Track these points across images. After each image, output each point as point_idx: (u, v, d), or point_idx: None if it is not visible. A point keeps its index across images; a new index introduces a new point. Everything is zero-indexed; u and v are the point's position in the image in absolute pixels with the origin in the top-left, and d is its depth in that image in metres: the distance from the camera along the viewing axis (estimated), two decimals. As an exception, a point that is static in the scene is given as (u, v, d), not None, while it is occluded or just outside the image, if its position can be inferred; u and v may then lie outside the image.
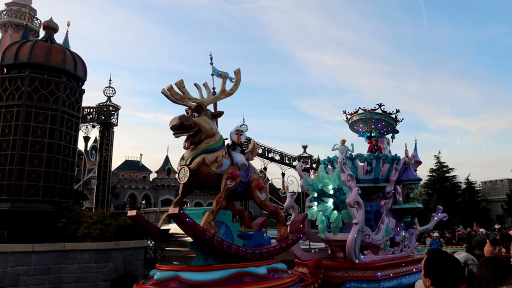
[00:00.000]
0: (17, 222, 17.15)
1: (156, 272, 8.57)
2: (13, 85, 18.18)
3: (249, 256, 8.75)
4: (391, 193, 11.98)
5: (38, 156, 17.93)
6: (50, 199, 17.95)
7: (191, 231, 8.02)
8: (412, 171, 12.26)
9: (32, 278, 16.36)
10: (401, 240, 11.70)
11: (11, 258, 16.18)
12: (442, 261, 3.70)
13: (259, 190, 9.59)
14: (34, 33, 60.41)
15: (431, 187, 69.90)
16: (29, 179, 17.70)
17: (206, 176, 8.73)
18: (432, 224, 12.98)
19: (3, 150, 17.80)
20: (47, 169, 17.95)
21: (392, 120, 12.81)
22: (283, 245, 9.62)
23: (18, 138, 17.67)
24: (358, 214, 10.02)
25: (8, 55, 18.65)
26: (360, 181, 11.57)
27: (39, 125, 17.94)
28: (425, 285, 3.80)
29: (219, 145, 8.91)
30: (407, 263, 11.21)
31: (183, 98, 8.62)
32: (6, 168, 17.65)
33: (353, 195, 9.87)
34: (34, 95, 18.06)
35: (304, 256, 11.00)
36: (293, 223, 10.26)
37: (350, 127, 13.40)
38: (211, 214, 8.28)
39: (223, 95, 9.45)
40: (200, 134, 8.62)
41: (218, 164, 8.76)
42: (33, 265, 16.45)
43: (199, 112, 8.73)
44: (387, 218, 11.19)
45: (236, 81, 9.56)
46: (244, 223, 10.33)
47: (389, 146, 13.06)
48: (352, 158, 11.49)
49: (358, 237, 10.01)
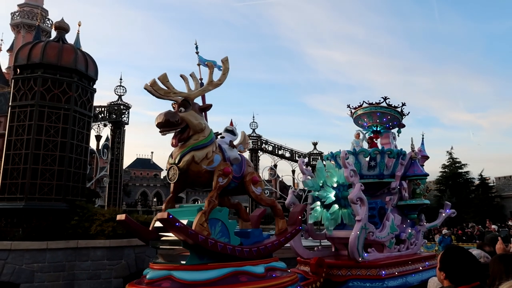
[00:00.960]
0: (31, 220, 17.02)
1: (149, 271, 8.03)
2: (26, 85, 18.03)
3: (246, 255, 8.14)
4: (397, 189, 11.21)
5: (51, 155, 17.76)
6: (63, 197, 17.79)
7: (183, 236, 7.47)
8: (419, 166, 11.50)
9: (47, 275, 16.26)
10: (407, 237, 10.91)
11: (26, 255, 16.07)
12: (459, 256, 3.64)
13: (254, 184, 8.90)
14: (46, 34, 59.98)
15: (443, 183, 68.25)
16: (43, 177, 17.55)
17: (196, 174, 8.15)
18: (440, 220, 12.23)
19: (17, 150, 17.70)
20: (60, 167, 17.76)
21: (398, 114, 12.04)
22: (281, 239, 8.97)
23: (31, 138, 17.52)
24: (361, 211, 9.31)
25: (21, 56, 18.45)
26: (364, 176, 10.83)
27: (52, 125, 17.73)
28: (439, 279, 3.74)
29: (209, 140, 8.27)
30: (414, 261, 10.48)
31: (168, 93, 7.98)
32: (20, 167, 17.53)
33: (355, 191, 9.18)
34: (47, 95, 17.85)
35: (306, 254, 10.30)
36: (291, 214, 9.57)
37: (355, 122, 12.59)
38: (203, 215, 7.67)
39: (211, 87, 8.74)
40: (188, 130, 8.00)
41: (209, 161, 8.14)
42: (47, 262, 16.31)
43: (185, 107, 8.08)
44: (393, 214, 10.45)
45: (224, 70, 8.82)
46: (241, 216, 9.66)
47: (395, 140, 12.27)
48: (355, 153, 10.80)
49: (361, 235, 9.31)
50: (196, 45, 10.13)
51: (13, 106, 18.15)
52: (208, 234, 7.60)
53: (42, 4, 65.04)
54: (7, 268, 16.09)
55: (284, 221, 9.31)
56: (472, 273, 3.56)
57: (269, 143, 42.79)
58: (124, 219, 7.98)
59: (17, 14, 62.43)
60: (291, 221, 9.45)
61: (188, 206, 8.73)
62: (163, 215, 7.22)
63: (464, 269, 3.56)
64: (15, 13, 62.75)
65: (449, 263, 3.64)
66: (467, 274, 3.54)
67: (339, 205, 9.72)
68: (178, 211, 8.52)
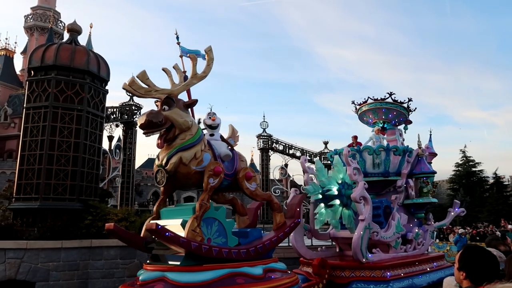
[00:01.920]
0: (46, 220, 16.75)
1: (143, 272, 7.55)
2: (40, 87, 17.84)
3: (243, 256, 7.58)
4: (403, 187, 10.50)
5: (65, 155, 17.54)
6: (77, 197, 17.59)
7: (174, 245, 6.97)
8: (426, 164, 10.75)
9: (62, 274, 16.09)
10: (414, 237, 10.21)
11: (41, 254, 15.91)
12: (479, 255, 3.48)
13: (248, 180, 8.22)
14: (58, 36, 59.86)
15: (457, 182, 66.58)
16: (57, 178, 17.34)
17: (186, 176, 7.54)
18: (449, 219, 11.50)
19: (32, 150, 17.54)
20: (73, 168, 17.52)
21: (404, 109, 11.30)
22: (280, 234, 8.32)
23: (46, 138, 17.32)
24: (365, 210, 8.68)
25: (35, 58, 18.26)
26: (368, 174, 10.16)
27: (65, 126, 17.49)
28: (458, 279, 3.55)
29: (197, 139, 7.60)
30: (421, 261, 9.80)
31: (149, 92, 7.32)
32: (35, 168, 17.37)
33: (359, 189, 8.54)
34: (60, 96, 17.59)
35: (309, 255, 9.65)
36: (289, 206, 8.94)
37: (360, 118, 11.88)
38: (195, 220, 7.10)
39: (196, 80, 8.02)
40: (173, 130, 7.37)
41: (198, 161, 7.50)
42: (62, 261, 16.14)
43: (169, 105, 7.41)
44: (399, 213, 9.79)
45: (208, 61, 8.12)
46: (238, 211, 9.01)
47: (402, 137, 11.60)
48: (359, 150, 10.15)
49: (364, 235, 8.66)
50: (177, 34, 9.28)
51: (27, 108, 18.02)
52: (201, 240, 7.08)
53: (54, 6, 64.83)
54: (23, 267, 16.01)
55: (282, 215, 8.68)
56: (493, 273, 3.37)
57: (280, 142, 42.27)
58: (112, 228, 7.51)
59: (30, 17, 62.25)
60: (289, 214, 8.87)
61: (184, 205, 8.17)
62: (151, 226, 6.73)
63: (485, 269, 3.39)
64: (28, 16, 62.59)
65: (469, 263, 3.46)
66: (488, 274, 3.33)
67: (341, 202, 9.09)
68: (173, 210, 8.04)
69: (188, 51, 8.59)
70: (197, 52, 8.50)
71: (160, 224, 6.87)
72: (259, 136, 42.34)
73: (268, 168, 40.06)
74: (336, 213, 9.07)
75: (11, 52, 60.28)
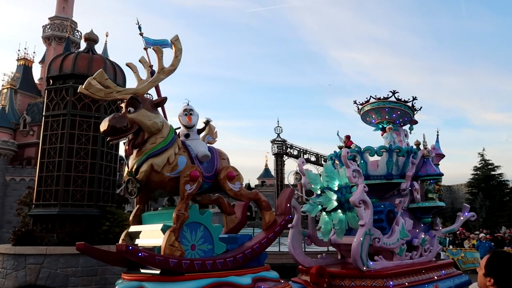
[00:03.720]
0: (65, 226, 16.50)
1: (120, 282, 6.61)
2: (59, 95, 17.76)
3: (230, 265, 6.58)
4: (408, 191, 9.30)
5: (82, 162, 17.33)
6: (94, 203, 17.33)
7: (151, 265, 6.05)
8: (432, 165, 9.62)
9: (80, 279, 15.81)
10: (420, 243, 9.04)
11: (60, 260, 15.67)
12: (507, 261, 3.21)
13: (230, 180, 7.09)
14: (75, 45, 59.48)
15: (475, 186, 63.65)
16: (75, 184, 17.19)
17: (159, 184, 6.51)
18: (458, 224, 10.27)
19: (51, 158, 17.40)
20: (91, 174, 17.31)
21: (409, 109, 10.20)
22: (270, 235, 7.23)
23: (64, 146, 17.20)
24: (365, 215, 7.62)
25: (54, 67, 18.26)
26: (370, 177, 9.09)
27: (83, 133, 17.29)
28: (484, 285, 3.29)
29: (169, 141, 6.52)
30: (428, 269, 8.65)
31: (109, 93, 6.24)
32: (54, 175, 17.22)
33: (358, 192, 7.50)
34: (78, 104, 17.43)
35: (307, 262, 8.59)
36: (279, 203, 7.80)
37: (362, 119, 10.79)
38: (173, 234, 6.09)
39: (163, 75, 6.86)
40: (142, 134, 6.30)
41: (172, 166, 6.43)
42: (80, 267, 15.83)
43: (135, 106, 6.30)
44: (403, 218, 8.67)
45: (176, 52, 6.92)
46: (225, 211, 7.89)
47: (407, 138, 10.41)
48: (360, 151, 9.09)
49: (365, 241, 7.60)
50: (139, 25, 8.27)
51: (46, 116, 18.02)
52: (181, 254, 6.10)
53: (71, 16, 64.43)
54: (43, 272, 15.83)
55: (272, 213, 7.60)
56: None
57: (294, 147, 41.35)
58: (82, 247, 6.34)
59: (48, 27, 62.09)
60: (279, 211, 7.74)
61: (168, 208, 7.10)
62: (121, 247, 5.78)
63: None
64: (46, 26, 62.44)
65: (498, 269, 3.22)
66: None
67: (343, 209, 8.05)
68: (155, 214, 7.09)
69: (154, 42, 7.51)
70: (164, 42, 7.41)
71: (130, 245, 5.99)
72: (274, 141, 41.51)
73: (283, 173, 39.12)
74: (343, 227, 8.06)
75: (29, 61, 60.90)
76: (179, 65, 6.88)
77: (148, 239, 6.58)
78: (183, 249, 6.19)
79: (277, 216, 7.68)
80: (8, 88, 54.59)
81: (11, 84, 55.01)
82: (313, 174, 8.58)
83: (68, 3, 64.10)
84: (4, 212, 48.07)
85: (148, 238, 6.62)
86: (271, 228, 7.40)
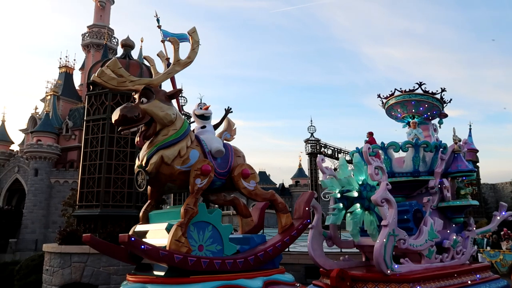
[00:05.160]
0: (106, 226, 16.74)
1: (125, 283, 6.32)
2: (98, 100, 18.13)
3: (240, 267, 6.10)
4: (437, 188, 8.49)
5: (122, 164, 17.61)
6: (133, 204, 17.55)
7: (154, 259, 5.65)
8: (463, 161, 8.71)
9: (122, 278, 15.68)
10: (452, 245, 8.21)
11: (103, 258, 15.89)
12: None
13: (245, 178, 6.67)
14: (112, 51, 60.86)
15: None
16: (115, 186, 17.47)
17: (169, 177, 6.15)
18: (494, 224, 9.38)
19: (92, 160, 17.76)
20: (130, 176, 17.38)
21: (437, 101, 9.34)
22: (285, 239, 6.76)
23: (104, 149, 17.58)
24: (389, 214, 6.97)
25: (93, 73, 18.03)
26: (395, 174, 8.41)
27: (122, 136, 17.39)
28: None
29: (182, 133, 6.20)
30: (460, 273, 7.83)
31: (123, 82, 6.04)
32: (95, 177, 17.56)
33: (380, 190, 6.90)
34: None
35: (329, 265, 8.01)
36: (297, 205, 7.29)
37: (387, 113, 10.02)
38: (179, 228, 5.70)
39: (179, 67, 6.58)
40: (154, 125, 6.05)
41: (183, 159, 6.09)
42: (121, 266, 15.96)
43: (148, 97, 6.06)
44: (432, 218, 7.88)
45: (193, 44, 6.66)
46: (240, 213, 7.46)
47: (436, 133, 9.62)
48: (384, 147, 8.41)
49: (388, 242, 6.94)
50: (157, 17, 8.03)
51: (87, 120, 18.46)
52: (188, 251, 5.69)
53: (108, 24, 65.88)
54: (87, 270, 16.15)
55: (289, 216, 7.09)
56: None
57: (328, 146, 40.36)
58: (88, 239, 6.22)
59: (87, 35, 63.71)
60: (297, 215, 7.25)
61: (175, 207, 6.67)
62: (123, 238, 5.45)
63: None
64: (85, 34, 64.14)
65: None
66: None
67: (362, 206, 7.50)
68: (161, 213, 6.72)
69: (171, 35, 7.18)
70: (182, 35, 7.01)
71: (134, 236, 5.60)
72: (307, 141, 40.79)
73: (317, 173, 38.04)
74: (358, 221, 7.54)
75: (70, 69, 62.59)
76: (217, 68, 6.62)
77: (154, 239, 6.21)
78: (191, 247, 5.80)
79: (294, 219, 7.21)
80: (51, 95, 56.61)
81: (54, 91, 56.98)
82: (327, 181, 7.96)
83: (105, 11, 66.01)
84: (49, 213, 49.64)
85: (153, 237, 6.27)
86: (287, 231, 6.94)
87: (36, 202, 49.10)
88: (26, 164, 51.78)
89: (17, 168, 52.86)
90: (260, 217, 7.54)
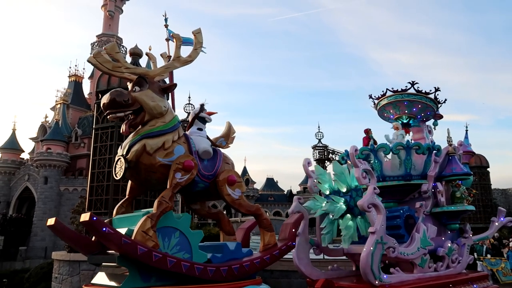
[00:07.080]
0: None
1: None
2: None
3: (210, 275, 5.64)
4: (430, 193, 8.10)
5: None
6: None
7: (114, 246, 5.19)
8: (458, 164, 8.29)
9: None
10: (447, 253, 7.77)
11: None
12: None
13: (230, 185, 6.38)
14: None
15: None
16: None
17: (149, 168, 5.85)
18: (492, 231, 9.00)
19: (100, 168, 17.90)
20: None
21: (431, 101, 8.95)
22: (265, 257, 6.40)
23: (113, 157, 17.25)
24: (377, 221, 6.60)
25: (102, 82, 19.00)
26: (386, 178, 8.01)
27: None
28: None
29: (169, 127, 6.03)
30: (456, 283, 7.40)
31: (117, 68, 5.88)
32: (104, 184, 17.69)
33: (367, 195, 6.54)
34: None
35: (315, 274, 7.56)
36: (284, 226, 7.03)
37: (379, 114, 9.63)
38: (149, 220, 5.33)
39: (178, 63, 6.52)
40: (142, 114, 5.88)
41: (167, 152, 5.87)
42: None
43: (141, 85, 5.96)
44: (425, 224, 7.52)
45: (196, 44, 6.61)
46: (223, 229, 7.09)
47: (431, 135, 9.32)
48: (374, 149, 8.09)
49: (376, 251, 6.52)
50: (165, 17, 8.11)
51: (96, 128, 18.64)
52: (154, 246, 5.29)
53: (117, 33, 66.57)
54: None
55: (273, 235, 6.80)
56: None
57: (336, 152, 40.12)
58: (53, 224, 5.78)
59: (96, 44, 63.88)
60: (282, 235, 6.94)
61: (140, 211, 6.40)
62: (85, 217, 5.03)
63: None
64: (94, 43, 64.52)
65: None
66: None
67: (353, 214, 7.15)
68: (125, 218, 6.32)
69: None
70: (189, 39, 7.07)
71: (95, 216, 5.17)
72: (315, 147, 40.83)
73: None
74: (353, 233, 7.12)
75: (79, 77, 63.62)
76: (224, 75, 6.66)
77: None
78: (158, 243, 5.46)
79: (279, 240, 6.93)
80: (61, 104, 57.35)
81: (64, 99, 57.73)
82: (322, 169, 7.73)
83: (114, 20, 66.84)
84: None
85: None
86: (268, 250, 6.65)
87: (46, 210, 49.28)
88: (36, 172, 52.12)
89: (27, 176, 53.31)
90: (244, 238, 7.23)
